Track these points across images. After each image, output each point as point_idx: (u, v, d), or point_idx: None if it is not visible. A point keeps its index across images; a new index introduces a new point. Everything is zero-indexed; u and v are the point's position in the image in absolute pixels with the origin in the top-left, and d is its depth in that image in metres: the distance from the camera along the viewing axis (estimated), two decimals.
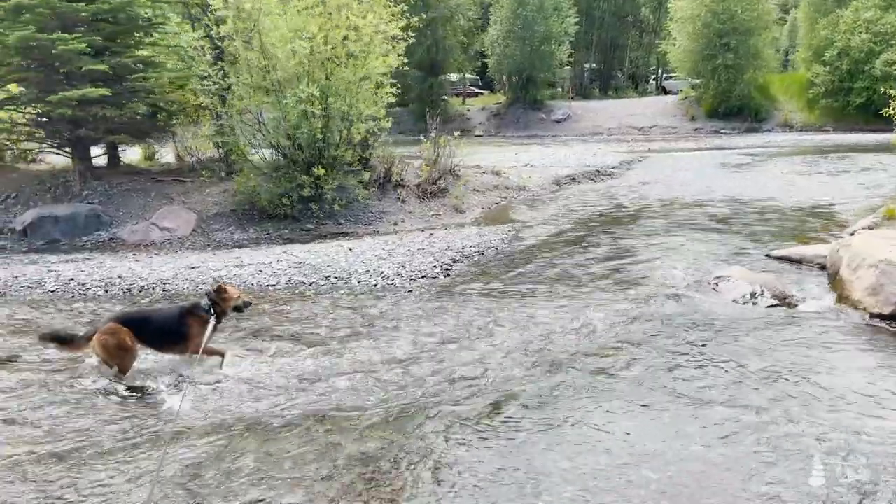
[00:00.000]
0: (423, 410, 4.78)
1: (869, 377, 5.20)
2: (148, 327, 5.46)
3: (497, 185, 16.71)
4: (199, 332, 5.34)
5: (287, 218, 12.35)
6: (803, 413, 4.57)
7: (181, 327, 5.41)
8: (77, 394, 5.08)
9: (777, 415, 4.56)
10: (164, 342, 5.52)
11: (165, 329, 5.46)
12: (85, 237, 11.20)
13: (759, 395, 4.90)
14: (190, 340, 5.36)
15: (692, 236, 10.97)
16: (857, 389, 4.95)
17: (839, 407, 4.67)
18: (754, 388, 5.01)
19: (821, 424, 4.40)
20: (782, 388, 5.00)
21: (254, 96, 12.20)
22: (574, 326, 6.49)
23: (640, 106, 44.59)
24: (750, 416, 4.55)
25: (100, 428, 4.54)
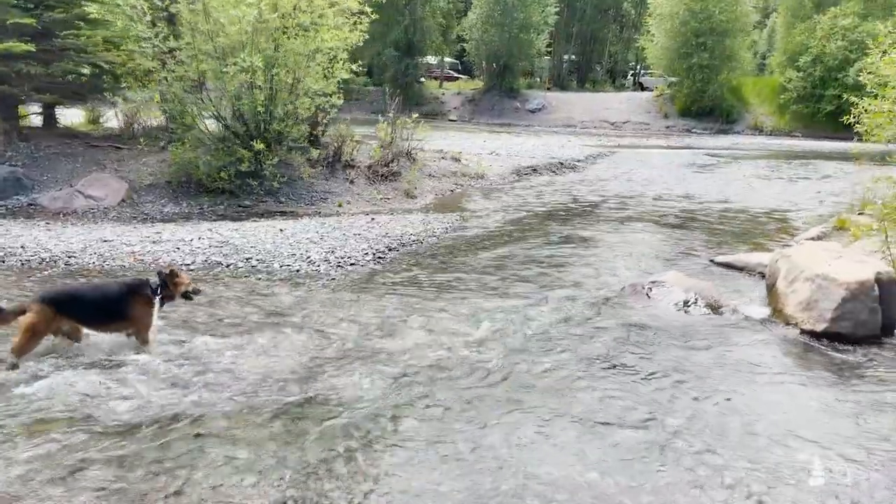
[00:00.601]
0: (275, 416, 4.34)
1: (790, 401, 4.87)
2: (82, 304, 5.09)
3: (455, 171, 16.26)
4: (142, 312, 5.16)
5: (225, 193, 11.75)
6: (712, 439, 4.22)
7: (124, 306, 5.14)
8: None
9: (683, 441, 4.19)
10: (101, 320, 5.18)
11: (105, 306, 5.13)
12: (1, 201, 10.48)
13: (666, 412, 4.54)
14: (131, 320, 5.17)
15: (641, 237, 10.65)
16: (773, 414, 4.61)
17: (750, 433, 4.32)
18: (662, 405, 4.65)
19: (725, 453, 4.05)
20: (694, 408, 4.64)
21: (196, 63, 11.50)
22: (487, 329, 6.07)
23: (616, 101, 44.42)
24: (653, 437, 4.19)
25: None
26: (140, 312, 5.17)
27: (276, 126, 11.92)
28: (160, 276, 5.36)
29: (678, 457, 4.00)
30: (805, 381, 5.24)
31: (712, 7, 36.56)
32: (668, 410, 4.60)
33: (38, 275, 7.23)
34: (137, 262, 7.80)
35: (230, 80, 11.12)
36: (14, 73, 10.92)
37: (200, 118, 12.33)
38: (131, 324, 5.22)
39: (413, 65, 45.44)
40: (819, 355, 5.80)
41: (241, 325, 5.91)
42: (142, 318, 5.18)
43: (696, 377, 5.17)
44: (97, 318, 5.18)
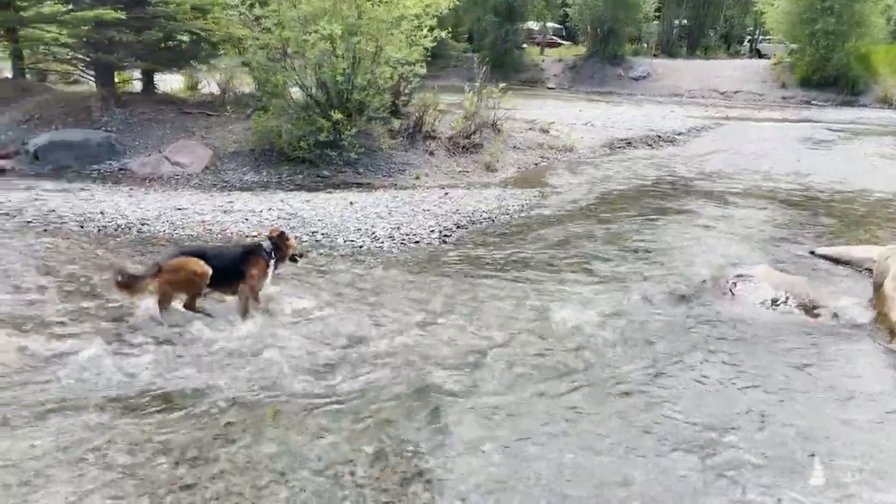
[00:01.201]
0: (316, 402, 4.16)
1: (886, 439, 4.21)
2: (213, 264, 5.29)
3: (541, 143, 15.64)
4: (258, 272, 5.40)
5: (305, 162, 11.77)
6: (779, 475, 3.71)
7: (242, 266, 5.38)
8: None
9: (748, 473, 3.70)
10: (225, 281, 5.41)
11: (229, 268, 5.36)
12: (95, 165, 10.94)
13: (729, 432, 4.04)
14: (247, 280, 5.37)
15: (736, 221, 9.78)
16: (859, 445, 4.01)
17: (830, 468, 3.77)
18: (726, 424, 4.14)
19: (796, 495, 3.54)
20: (765, 433, 4.11)
21: (279, 30, 11.48)
22: (548, 319, 5.68)
23: (728, 68, 41.60)
24: (710, 462, 3.73)
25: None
26: (256, 274, 5.39)
27: (357, 95, 11.77)
28: (271, 239, 5.59)
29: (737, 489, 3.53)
30: None
31: None
32: (731, 430, 4.09)
33: (112, 242, 7.43)
34: (206, 232, 7.88)
35: (311, 48, 11.02)
36: (107, 40, 11.29)
37: (285, 86, 12.39)
38: (247, 284, 5.39)
39: (513, 31, 44.26)
40: None
41: (294, 304, 5.79)
42: (257, 279, 5.41)
43: (774, 395, 4.59)
44: (222, 280, 5.36)
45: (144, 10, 11.71)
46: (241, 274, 5.37)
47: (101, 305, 5.57)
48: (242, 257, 5.44)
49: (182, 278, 5.15)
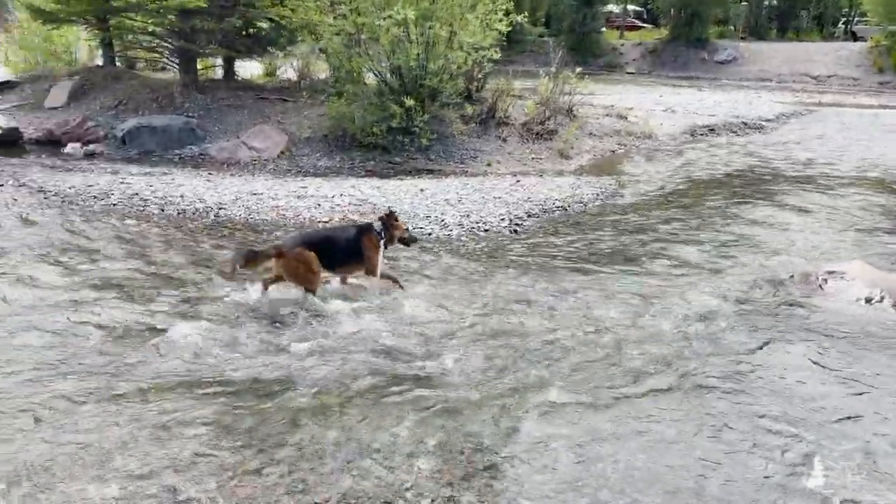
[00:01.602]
0: (379, 391, 4.12)
1: None
2: (333, 248, 5.50)
3: (618, 130, 15.19)
4: (373, 253, 5.51)
5: (377, 148, 11.81)
6: (877, 474, 3.43)
7: (358, 247, 5.50)
8: None
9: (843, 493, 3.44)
10: (343, 263, 5.60)
11: (347, 249, 5.52)
12: (177, 150, 11.32)
13: (809, 448, 3.75)
14: (364, 261, 5.53)
15: (826, 213, 9.20)
16: None
17: None
18: (813, 422, 3.86)
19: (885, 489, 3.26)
20: (856, 436, 3.81)
21: (354, 16, 11.53)
22: (622, 315, 5.46)
23: (821, 52, 39.36)
24: (793, 480, 3.48)
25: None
26: (371, 253, 5.51)
27: (430, 81, 11.70)
28: (381, 220, 5.63)
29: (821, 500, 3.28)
30: None
31: None
32: (815, 434, 3.81)
33: (190, 225, 7.64)
34: (279, 217, 8.00)
35: (385, 33, 11.01)
36: (190, 28, 11.61)
37: (360, 72, 12.46)
38: (363, 265, 5.55)
39: (592, 14, 43.21)
40: None
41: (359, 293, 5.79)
42: (372, 258, 5.52)
43: (862, 398, 4.26)
44: (341, 262, 5.55)
45: None
46: (358, 255, 5.49)
47: (181, 286, 5.71)
48: (356, 238, 5.52)
49: (299, 271, 5.29)
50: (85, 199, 8.35)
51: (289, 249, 5.28)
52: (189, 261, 6.41)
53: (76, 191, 8.63)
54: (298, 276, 5.33)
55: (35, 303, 5.24)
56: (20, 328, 4.79)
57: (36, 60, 15.95)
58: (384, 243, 5.55)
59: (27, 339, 4.66)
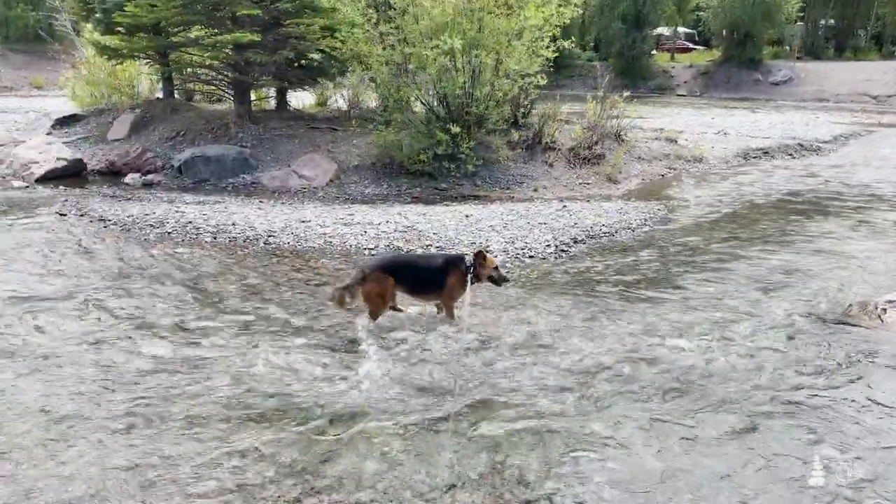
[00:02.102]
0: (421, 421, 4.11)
1: None
2: (414, 273, 5.62)
3: (668, 153, 14.98)
4: (455, 284, 5.49)
5: (424, 175, 11.92)
6: None
7: (442, 277, 5.51)
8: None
9: None
10: (424, 290, 5.66)
11: (429, 277, 5.56)
12: (230, 179, 11.64)
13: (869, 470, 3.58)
14: (444, 291, 5.54)
15: (883, 241, 8.85)
16: None
17: None
18: (866, 465, 3.68)
19: None
20: None
21: (401, 46, 11.73)
22: (671, 345, 5.34)
23: (880, 71, 38.21)
24: None
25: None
26: (453, 285, 5.49)
27: (476, 108, 11.79)
28: (474, 255, 5.57)
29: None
30: None
31: None
32: (867, 471, 3.64)
33: (241, 252, 7.83)
34: (326, 245, 8.12)
35: (431, 62, 11.16)
36: (244, 61, 12.00)
37: (407, 101, 12.65)
38: (444, 295, 5.59)
39: (641, 38, 42.98)
40: None
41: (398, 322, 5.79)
42: (453, 290, 5.52)
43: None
44: (422, 288, 5.61)
45: (278, 32, 12.35)
46: (441, 284, 5.51)
47: (228, 313, 5.85)
48: (442, 269, 5.54)
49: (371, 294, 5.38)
50: (142, 228, 8.66)
51: (370, 271, 5.41)
52: (238, 287, 6.56)
53: (133, 219, 8.96)
54: (370, 299, 5.41)
55: (91, 328, 5.44)
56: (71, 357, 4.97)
57: (101, 94, 16.69)
58: (472, 277, 5.49)
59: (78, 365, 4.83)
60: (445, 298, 5.61)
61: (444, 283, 5.47)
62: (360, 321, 5.60)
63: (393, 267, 5.56)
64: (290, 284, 6.71)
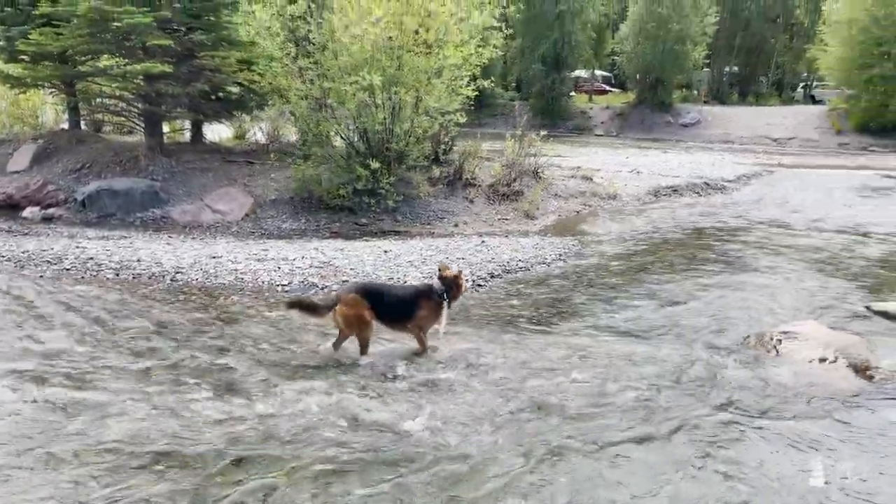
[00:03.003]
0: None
1: None
2: (383, 301, 5.52)
3: (584, 191, 15.40)
4: (427, 313, 5.52)
5: (343, 210, 11.80)
6: None
7: (413, 307, 5.50)
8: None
9: None
10: (395, 318, 5.61)
11: (400, 305, 5.54)
12: (139, 213, 11.18)
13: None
14: (414, 320, 5.54)
15: (784, 274, 9.29)
16: None
17: None
18: (757, 489, 3.75)
19: None
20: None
21: (319, 81, 11.67)
22: (576, 378, 5.36)
23: (781, 115, 40.84)
24: None
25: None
26: (423, 313, 5.52)
27: (396, 144, 11.81)
28: (443, 280, 5.60)
29: None
30: None
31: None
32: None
33: (145, 289, 7.46)
34: (237, 281, 7.84)
35: (350, 98, 11.13)
36: (155, 92, 11.65)
37: (327, 136, 12.56)
38: (415, 324, 5.57)
39: (560, 79, 44.53)
40: None
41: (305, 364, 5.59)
42: (424, 320, 5.55)
43: (818, 462, 4.18)
44: (393, 316, 5.55)
45: (192, 63, 12.07)
46: (410, 314, 5.50)
47: (124, 353, 5.52)
48: (413, 299, 5.54)
49: (351, 318, 5.34)
50: (38, 264, 8.15)
51: (345, 294, 5.39)
52: (138, 326, 6.22)
53: (29, 255, 8.43)
54: (349, 324, 5.38)
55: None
56: None
57: (1, 124, 15.85)
58: (448, 302, 5.53)
59: None
60: (415, 329, 5.59)
61: (414, 314, 5.49)
62: (265, 357, 5.38)
63: (367, 292, 5.51)
64: (195, 322, 6.42)
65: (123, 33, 11.47)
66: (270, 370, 5.29)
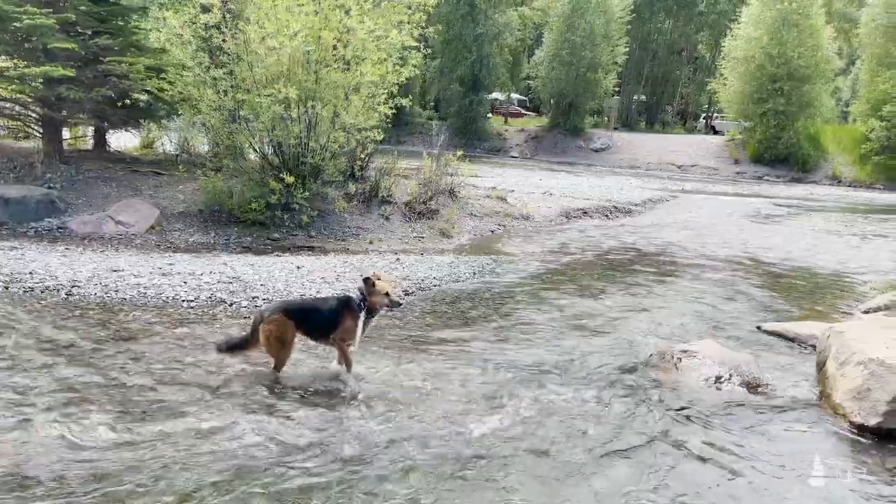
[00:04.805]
0: None
1: None
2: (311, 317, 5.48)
3: (498, 211, 15.71)
4: (347, 326, 5.37)
5: (255, 224, 11.52)
6: None
7: (335, 318, 5.39)
8: None
9: None
10: (321, 332, 5.54)
11: (325, 319, 5.44)
12: (33, 223, 10.51)
13: None
14: (336, 333, 5.42)
15: (684, 294, 9.79)
16: None
17: None
18: None
19: None
20: None
21: (233, 93, 11.40)
22: (487, 394, 5.44)
23: (684, 143, 43.15)
24: None
25: None
26: (345, 327, 5.39)
27: (312, 159, 11.68)
28: (360, 289, 5.45)
29: None
30: (846, 488, 4.39)
31: (791, 52, 35.13)
32: None
33: (37, 304, 7.02)
34: (139, 297, 7.51)
35: (265, 111, 10.93)
36: (55, 96, 11.07)
37: (239, 148, 12.26)
38: (339, 335, 5.44)
39: (478, 101, 45.43)
40: (869, 456, 4.90)
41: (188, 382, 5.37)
42: (345, 332, 5.41)
43: (712, 474, 4.40)
44: (319, 330, 5.49)
45: (96, 69, 11.55)
46: (334, 326, 5.41)
47: (8, 373, 5.16)
48: (335, 310, 5.43)
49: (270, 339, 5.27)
50: None
51: (269, 314, 5.31)
52: (27, 344, 5.84)
53: None
54: (269, 343, 5.29)
55: None
56: None
57: None
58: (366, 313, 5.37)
59: None
60: (338, 341, 5.48)
61: (336, 325, 5.39)
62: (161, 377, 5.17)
63: (292, 310, 5.46)
64: (91, 340, 6.09)
65: (23, 34, 10.87)
66: (169, 389, 5.09)
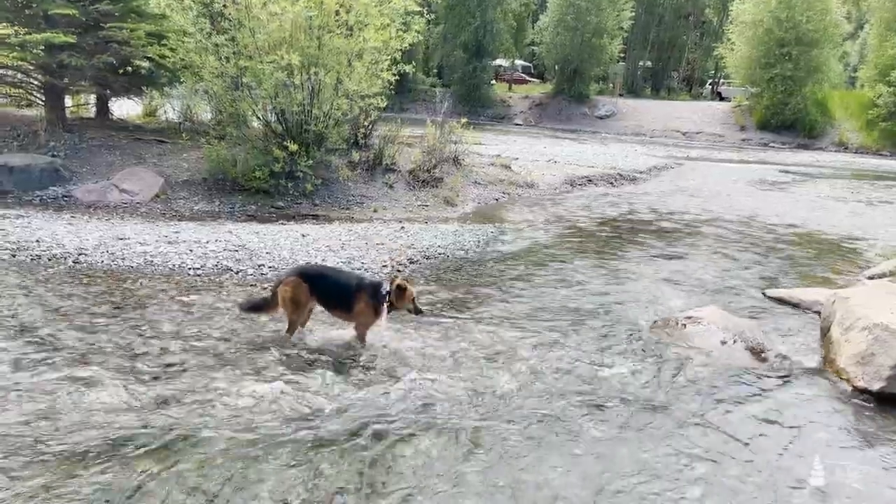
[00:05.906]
0: None
1: (829, 476, 4.11)
2: (326, 285, 5.53)
3: (503, 179, 15.63)
4: (364, 310, 5.41)
5: (259, 193, 11.50)
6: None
7: (351, 299, 5.42)
8: None
9: None
10: (333, 305, 5.62)
11: (342, 294, 5.47)
12: (38, 191, 10.52)
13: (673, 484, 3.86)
14: (352, 313, 5.50)
15: (689, 261, 9.79)
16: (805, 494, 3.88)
17: None
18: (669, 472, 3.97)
19: None
20: (708, 483, 3.95)
21: (235, 60, 11.29)
22: (495, 362, 5.49)
23: (689, 110, 42.72)
24: None
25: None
26: (362, 311, 5.41)
27: (315, 127, 11.61)
28: (391, 283, 5.44)
29: None
30: (850, 452, 4.45)
31: (799, 16, 34.55)
32: (674, 482, 3.92)
33: (44, 272, 7.06)
34: (146, 264, 7.54)
35: (268, 78, 10.84)
36: (57, 64, 10.98)
37: (242, 116, 12.19)
38: (354, 318, 5.52)
39: (481, 67, 44.91)
40: (872, 420, 4.96)
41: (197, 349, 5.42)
42: (362, 316, 5.45)
43: (717, 439, 4.45)
44: (333, 300, 5.54)
45: (97, 35, 11.43)
46: (350, 306, 5.44)
47: (19, 339, 5.22)
48: (354, 291, 5.42)
49: (286, 298, 5.37)
50: None
51: (286, 276, 5.46)
52: (36, 311, 5.90)
53: None
54: (284, 304, 5.39)
55: None
56: None
57: None
58: (387, 307, 5.36)
59: None
60: (355, 322, 5.56)
61: (353, 306, 5.41)
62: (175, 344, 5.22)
63: (309, 274, 5.55)
64: (99, 306, 6.14)
65: (23, 0, 10.74)
66: (178, 355, 5.15)
